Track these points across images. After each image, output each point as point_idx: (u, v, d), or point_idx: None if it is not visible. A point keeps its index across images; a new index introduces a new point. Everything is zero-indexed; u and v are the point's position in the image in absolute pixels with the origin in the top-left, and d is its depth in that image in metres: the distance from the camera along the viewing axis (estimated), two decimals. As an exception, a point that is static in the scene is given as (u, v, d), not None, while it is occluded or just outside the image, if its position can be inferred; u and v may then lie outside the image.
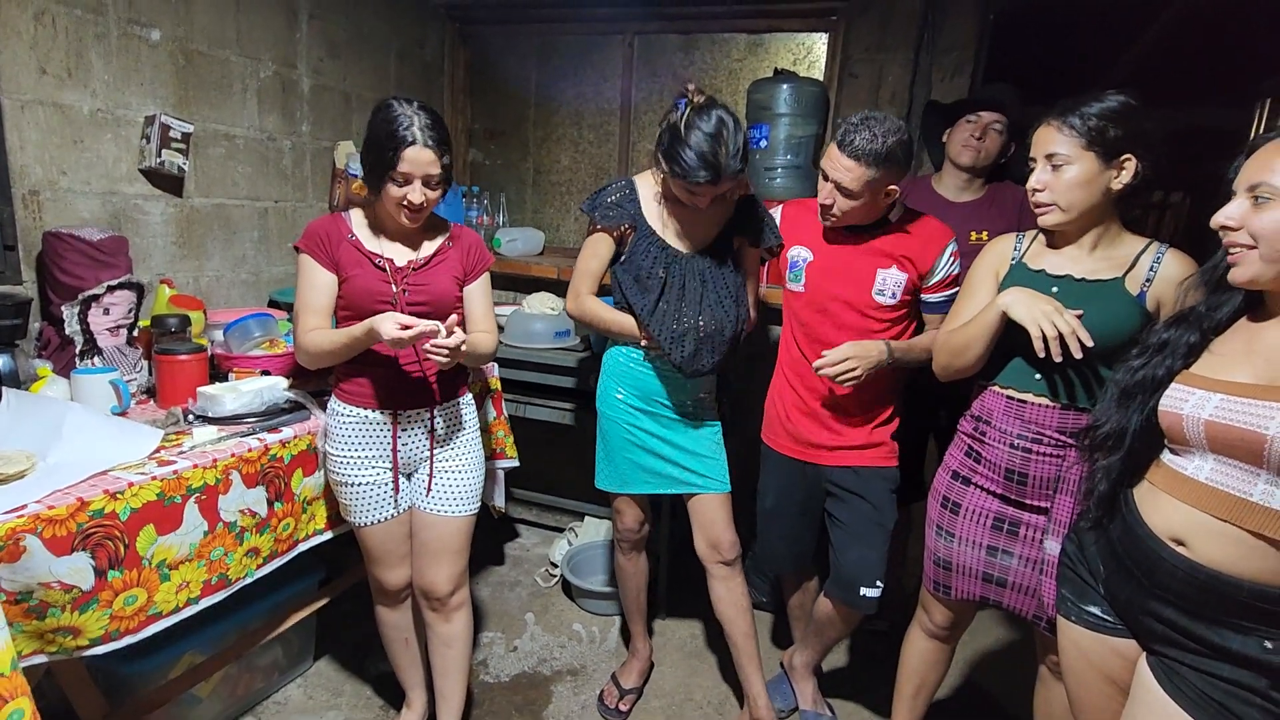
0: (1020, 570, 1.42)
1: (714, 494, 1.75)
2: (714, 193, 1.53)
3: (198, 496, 1.35)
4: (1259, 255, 0.96)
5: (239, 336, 1.86)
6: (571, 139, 3.15)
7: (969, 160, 1.96)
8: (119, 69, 1.84)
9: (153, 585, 1.28)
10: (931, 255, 1.61)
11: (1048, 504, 1.37)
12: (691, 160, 1.46)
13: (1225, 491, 0.96)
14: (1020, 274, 1.38)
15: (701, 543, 1.79)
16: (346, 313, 1.50)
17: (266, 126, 2.29)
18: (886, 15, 2.47)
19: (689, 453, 1.74)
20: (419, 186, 1.41)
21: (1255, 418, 0.92)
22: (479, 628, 2.26)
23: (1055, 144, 1.26)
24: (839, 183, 1.51)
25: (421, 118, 1.39)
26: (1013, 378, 1.38)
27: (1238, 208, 0.98)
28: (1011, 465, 1.38)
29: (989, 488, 1.43)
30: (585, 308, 1.71)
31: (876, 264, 1.62)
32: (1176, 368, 1.05)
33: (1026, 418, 1.36)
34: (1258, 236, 0.95)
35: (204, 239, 2.15)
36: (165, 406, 1.63)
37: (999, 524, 1.43)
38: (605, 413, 1.78)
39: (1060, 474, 1.34)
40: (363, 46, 2.63)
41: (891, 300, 1.62)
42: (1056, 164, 1.26)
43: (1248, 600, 0.94)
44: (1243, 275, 0.98)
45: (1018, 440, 1.37)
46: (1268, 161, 0.95)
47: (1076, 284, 1.31)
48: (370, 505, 1.56)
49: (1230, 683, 0.96)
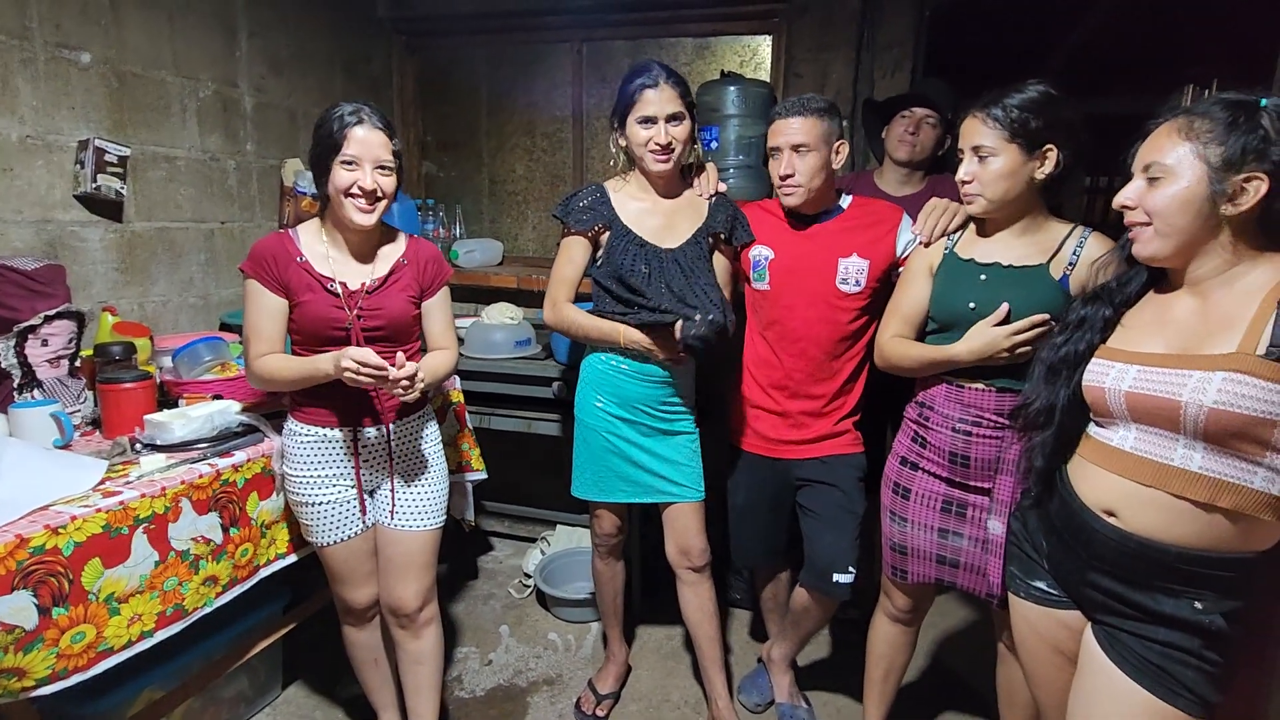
0: (970, 550, 1.46)
1: (689, 502, 1.76)
2: (660, 105, 1.56)
3: (146, 526, 1.32)
4: (1154, 231, 1.01)
5: (189, 361, 1.81)
6: (525, 148, 3.15)
7: (905, 155, 2.03)
8: (48, 94, 1.79)
9: (101, 620, 1.25)
10: (890, 235, 1.64)
11: (990, 485, 1.41)
12: (635, 82, 1.58)
13: (1149, 459, 1.00)
14: (952, 263, 1.43)
15: (673, 548, 1.80)
16: (299, 338, 1.47)
17: (209, 147, 2.25)
18: (827, 16, 2.52)
19: (666, 461, 1.74)
20: (369, 170, 1.38)
21: (1169, 386, 0.96)
22: (453, 643, 2.24)
23: (980, 136, 1.30)
24: (792, 142, 1.58)
25: (368, 107, 1.42)
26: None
27: (1134, 188, 1.03)
28: (954, 448, 1.42)
29: (935, 471, 1.47)
30: (564, 315, 1.70)
31: (837, 254, 1.65)
32: (1096, 341, 1.10)
33: (965, 401, 1.40)
34: (1152, 213, 1.01)
35: (148, 264, 2.10)
36: (111, 437, 1.59)
37: (947, 506, 1.47)
38: (584, 420, 1.77)
39: (1000, 455, 1.39)
40: (307, 62, 2.60)
41: (856, 288, 1.64)
42: (982, 155, 1.31)
43: (1175, 564, 0.98)
44: (1144, 251, 1.04)
45: (959, 424, 1.41)
46: (1157, 143, 1.01)
47: (1004, 270, 1.36)
48: (332, 525, 1.54)
49: (1166, 645, 1.00)
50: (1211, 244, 1.00)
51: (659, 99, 1.57)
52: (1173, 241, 1.00)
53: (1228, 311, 0.97)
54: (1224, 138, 0.95)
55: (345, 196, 1.40)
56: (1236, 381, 0.91)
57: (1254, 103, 0.96)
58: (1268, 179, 0.93)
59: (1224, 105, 0.97)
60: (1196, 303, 1.02)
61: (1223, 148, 0.95)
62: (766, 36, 2.73)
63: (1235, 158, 0.94)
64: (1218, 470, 0.95)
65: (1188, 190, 0.97)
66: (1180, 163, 0.98)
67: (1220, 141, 0.95)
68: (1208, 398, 0.92)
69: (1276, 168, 0.93)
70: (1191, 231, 0.99)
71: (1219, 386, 0.92)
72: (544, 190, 3.16)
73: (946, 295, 1.41)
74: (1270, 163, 0.93)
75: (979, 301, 1.35)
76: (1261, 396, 0.90)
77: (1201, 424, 0.93)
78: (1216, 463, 0.95)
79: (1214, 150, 0.96)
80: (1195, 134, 0.97)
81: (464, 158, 3.24)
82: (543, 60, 3.01)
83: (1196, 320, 1.01)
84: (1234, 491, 0.94)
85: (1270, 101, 0.95)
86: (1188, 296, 1.04)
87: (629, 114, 1.60)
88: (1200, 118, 0.98)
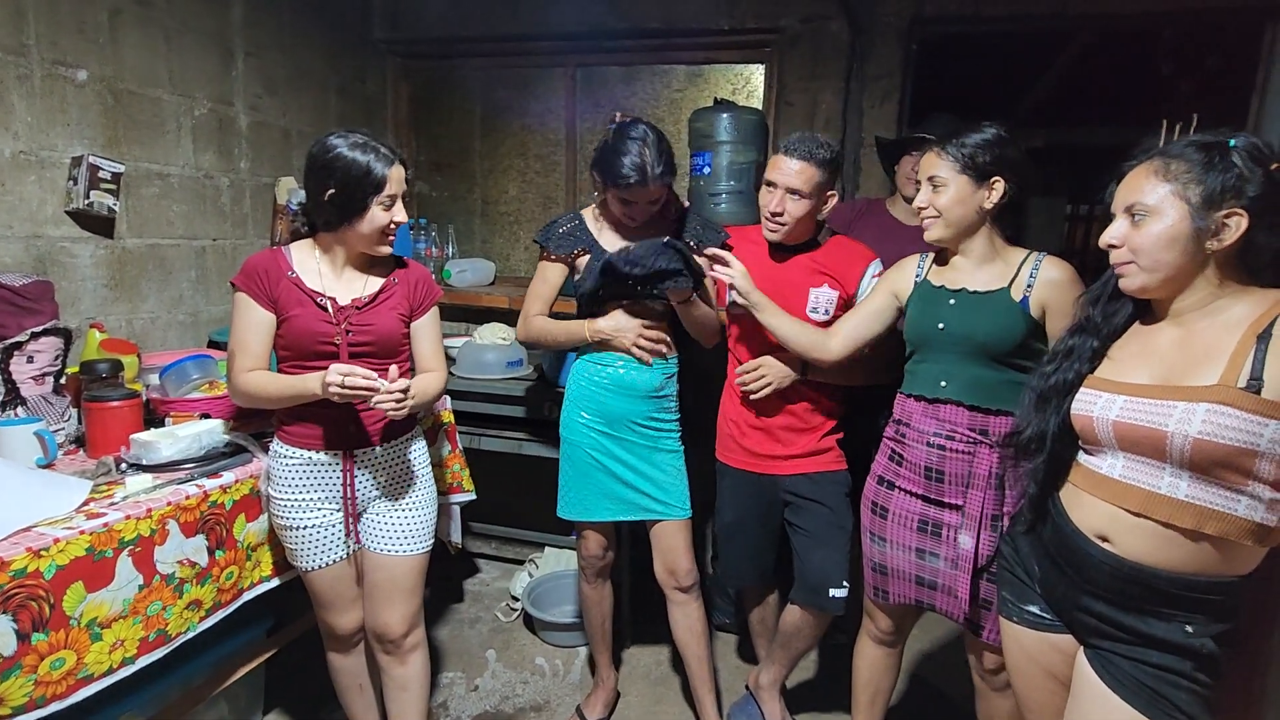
0: (945, 571, 1.48)
1: (674, 520, 1.78)
2: (645, 197, 1.64)
3: (131, 549, 1.29)
4: (1139, 267, 1.05)
5: (176, 379, 1.80)
6: (518, 169, 3.17)
7: (913, 193, 2.06)
8: (43, 110, 1.79)
9: (82, 646, 1.22)
10: (856, 275, 1.72)
11: (960, 500, 1.44)
12: (622, 166, 1.59)
13: (1137, 486, 1.02)
14: (925, 290, 1.51)
15: (660, 568, 1.81)
16: (286, 353, 1.47)
17: (203, 164, 2.25)
18: (817, 47, 2.58)
19: (651, 479, 1.76)
20: (400, 204, 1.46)
21: (1155, 416, 0.99)
22: (438, 668, 2.20)
23: (936, 168, 1.43)
24: (789, 186, 1.63)
25: (382, 142, 1.44)
26: (924, 386, 1.48)
27: (1118, 228, 1.07)
28: (930, 463, 1.46)
29: (911, 489, 1.50)
30: (533, 326, 1.78)
31: (810, 282, 1.71)
32: (1084, 371, 1.13)
33: (941, 416, 1.45)
34: (1137, 251, 1.05)
35: (138, 280, 2.08)
36: (96, 456, 1.57)
37: (923, 526, 1.49)
38: (569, 438, 1.79)
39: (971, 469, 1.42)
40: (302, 82, 2.61)
41: (825, 317, 1.71)
42: (936, 185, 1.43)
43: (1166, 588, 1.00)
44: (1131, 285, 1.08)
45: (933, 438, 1.45)
46: (1136, 184, 1.05)
47: (970, 295, 1.44)
48: (317, 549, 1.52)
49: (1159, 668, 1.02)
50: (1198, 278, 1.03)
51: (646, 193, 1.63)
52: (1159, 276, 1.04)
53: (1210, 344, 1.00)
54: (1202, 177, 0.99)
55: (381, 234, 1.46)
56: (1219, 413, 0.93)
57: (1224, 143, 1.00)
58: (1247, 214, 0.97)
59: (1197, 147, 1.01)
60: (1180, 334, 1.05)
61: (1201, 186, 0.99)
62: (759, 65, 2.79)
63: (1215, 195, 0.98)
64: (1203, 498, 0.97)
65: (1172, 228, 1.01)
66: (1162, 202, 1.02)
67: (1199, 181, 0.99)
68: (1192, 428, 0.95)
69: (1254, 203, 0.97)
70: (1177, 266, 1.03)
71: (1203, 418, 0.94)
72: (536, 211, 3.18)
73: (920, 318, 1.49)
74: (1248, 198, 0.97)
75: (947, 322, 1.44)
76: (1243, 427, 0.92)
77: (1187, 454, 0.96)
78: (1202, 491, 0.97)
79: (1194, 189, 0.99)
80: (1173, 175, 1.02)
81: (457, 178, 3.26)
82: (537, 83, 3.05)
83: (1180, 352, 1.03)
84: (1219, 519, 0.96)
85: (1238, 141, 0.99)
86: (1172, 328, 1.07)
87: (614, 192, 1.65)
88: (1175, 159, 1.02)
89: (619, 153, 1.60)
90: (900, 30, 2.49)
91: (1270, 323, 0.96)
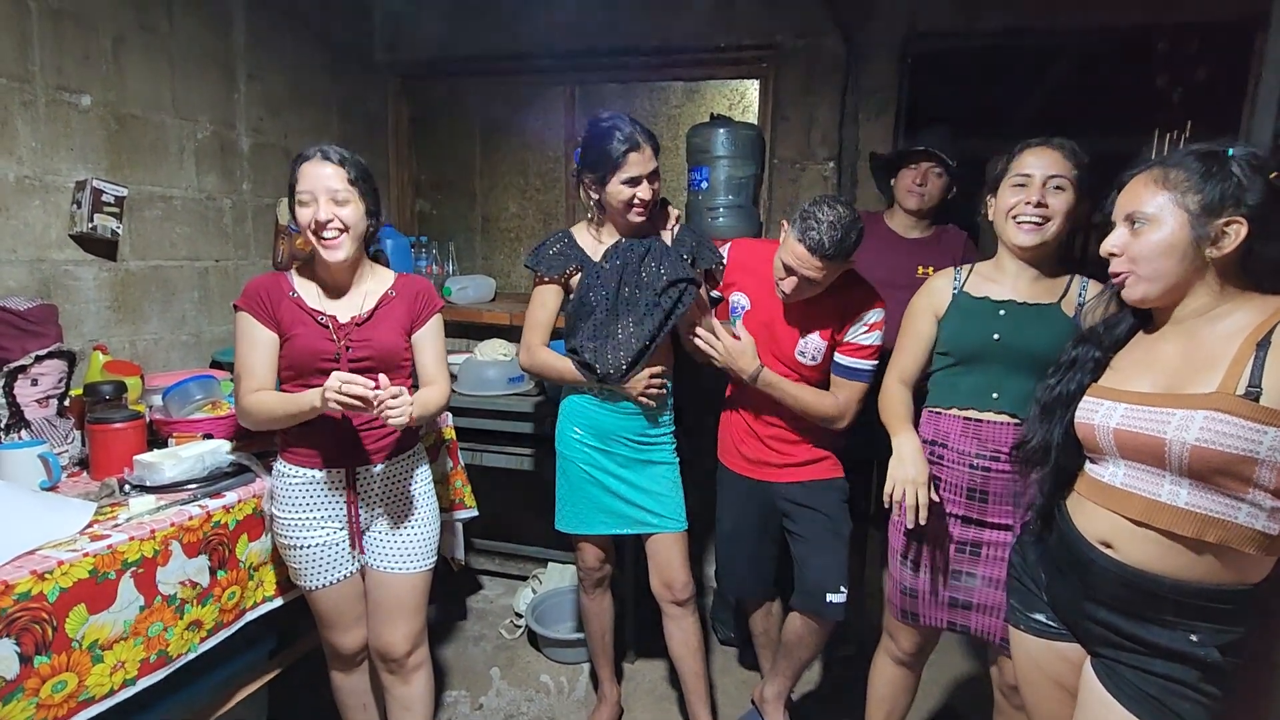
0: (984, 591, 1.46)
1: (670, 533, 1.77)
2: (643, 166, 1.61)
3: (134, 570, 1.29)
4: (1139, 276, 1.06)
5: (179, 400, 1.80)
6: (518, 186, 3.20)
7: (915, 204, 2.10)
8: (47, 135, 1.81)
9: (84, 668, 1.21)
10: (851, 320, 1.67)
11: (1009, 520, 1.42)
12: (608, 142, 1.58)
13: (1138, 494, 1.02)
14: (965, 302, 1.47)
15: (656, 581, 1.81)
16: (289, 372, 1.47)
17: (205, 186, 2.27)
18: (812, 62, 2.61)
19: (646, 492, 1.76)
20: (324, 203, 1.39)
21: (1154, 424, 0.99)
22: (442, 687, 2.19)
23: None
24: (808, 277, 1.55)
25: (323, 143, 1.42)
26: (970, 399, 1.44)
27: (1119, 236, 1.08)
28: (973, 484, 1.43)
29: (950, 510, 1.47)
30: (537, 358, 1.75)
31: (800, 330, 1.70)
32: (1086, 381, 1.13)
33: (983, 436, 1.42)
34: (1137, 259, 1.05)
35: (140, 302, 2.10)
36: (99, 478, 1.57)
37: (961, 548, 1.47)
38: (564, 453, 1.80)
39: (1017, 489, 1.40)
40: (304, 104, 2.64)
41: (813, 362, 1.71)
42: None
43: (1170, 596, 1.00)
44: (1133, 294, 1.08)
45: (976, 460, 1.42)
46: (1135, 193, 1.06)
47: (1019, 307, 1.41)
48: (321, 568, 1.51)
49: (1164, 678, 1.01)
50: (1198, 286, 1.04)
51: (642, 160, 1.60)
52: (1160, 284, 1.05)
53: (1210, 351, 1.00)
54: (1200, 186, 1.00)
55: (310, 234, 1.42)
56: (1217, 420, 0.93)
57: (1223, 152, 1.01)
58: (1246, 222, 0.98)
59: (1196, 156, 1.02)
60: (1181, 343, 1.05)
61: (1200, 195, 1.00)
62: (754, 81, 2.81)
63: (1214, 203, 0.99)
64: (1203, 506, 0.97)
65: (1171, 236, 1.02)
66: (1162, 211, 1.02)
67: (1197, 190, 1.00)
68: (1190, 435, 0.95)
69: (1253, 211, 0.98)
70: (1178, 274, 1.03)
71: (1201, 425, 0.94)
72: (536, 228, 3.20)
73: (966, 330, 1.45)
74: (1247, 207, 0.98)
75: (1003, 333, 1.40)
76: (1241, 435, 0.92)
77: (1185, 461, 0.96)
78: (1202, 498, 0.97)
79: (1192, 198, 1.00)
80: (1172, 184, 1.02)
81: (457, 196, 3.28)
82: (536, 101, 3.08)
83: (1181, 360, 1.04)
84: (1219, 526, 0.96)
85: (1236, 150, 1.00)
86: (1173, 336, 1.07)
87: (612, 174, 1.61)
88: (1174, 169, 1.03)
89: (601, 136, 1.60)
90: (894, 45, 2.52)
91: (1269, 330, 0.96)
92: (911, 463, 1.42)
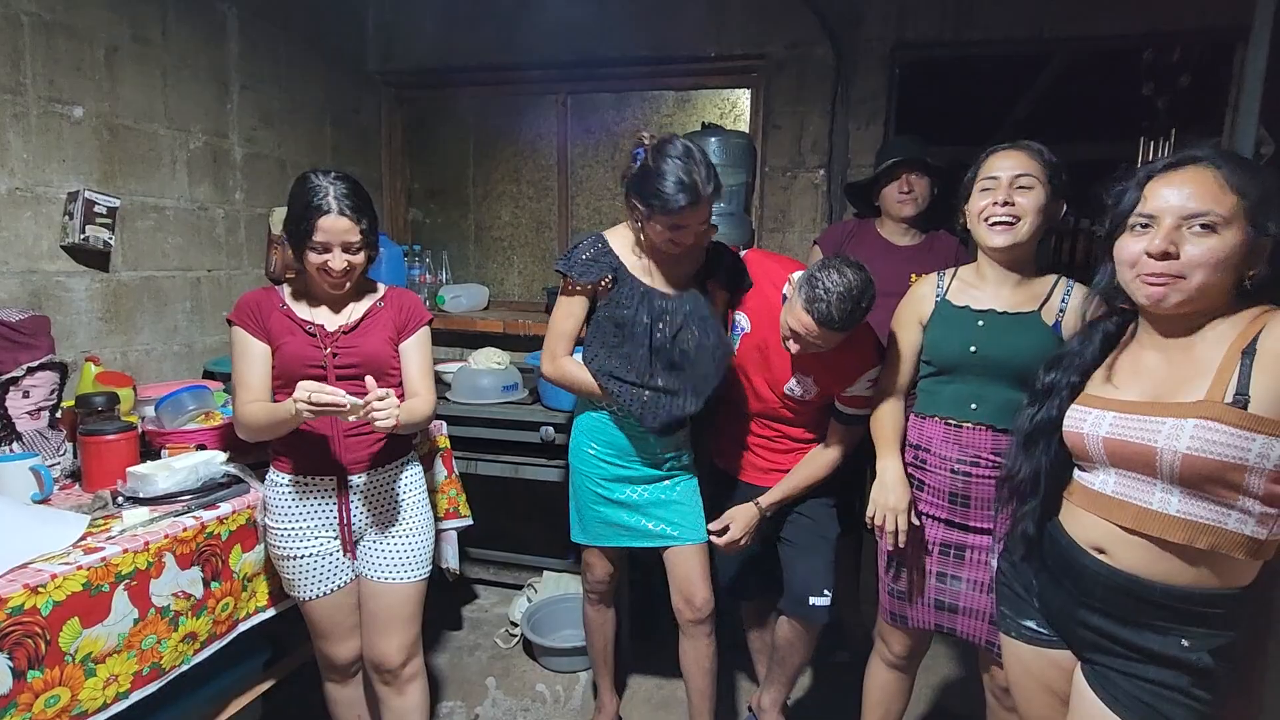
0: (969, 594, 1.47)
1: (688, 545, 1.72)
2: (697, 219, 1.49)
3: (128, 583, 1.29)
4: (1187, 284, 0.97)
5: (172, 411, 1.80)
6: (512, 195, 3.21)
7: (911, 211, 2.11)
8: (39, 147, 1.81)
9: (77, 682, 1.21)
10: (853, 376, 1.61)
11: (990, 525, 1.43)
12: (669, 187, 1.44)
13: (1129, 502, 1.03)
14: (946, 310, 1.47)
15: (676, 597, 1.75)
16: (279, 380, 1.48)
17: (198, 196, 2.27)
18: (803, 72, 2.63)
19: (664, 504, 1.73)
20: (338, 253, 1.43)
21: (1144, 432, 1.00)
22: (437, 697, 2.18)
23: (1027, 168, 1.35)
24: (815, 343, 1.48)
25: (337, 187, 1.42)
26: (950, 408, 1.45)
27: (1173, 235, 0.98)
28: (954, 489, 1.45)
29: (934, 514, 1.49)
30: (563, 370, 1.69)
31: (794, 370, 1.66)
32: (1066, 406, 1.13)
33: (963, 442, 1.43)
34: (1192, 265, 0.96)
35: (133, 312, 2.09)
36: (92, 490, 1.56)
37: (945, 550, 1.48)
38: (578, 467, 1.77)
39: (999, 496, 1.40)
40: (297, 114, 2.65)
41: (801, 398, 1.69)
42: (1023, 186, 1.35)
43: (1161, 601, 1.00)
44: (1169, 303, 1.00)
45: (957, 465, 1.43)
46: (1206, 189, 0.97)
47: (1000, 317, 1.40)
48: (315, 578, 1.51)
49: (1156, 684, 1.02)
50: (1220, 302, 0.98)
51: (696, 215, 1.49)
52: (1202, 297, 0.98)
53: (1197, 360, 1.01)
54: (1272, 198, 0.94)
55: (318, 272, 1.45)
56: (1207, 428, 0.94)
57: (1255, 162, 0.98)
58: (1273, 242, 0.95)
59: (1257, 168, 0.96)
60: (1168, 351, 1.05)
61: (1266, 207, 0.94)
62: (746, 90, 2.84)
63: (1271, 221, 0.94)
64: (1194, 513, 0.97)
65: (1234, 246, 0.94)
66: (1234, 216, 0.94)
67: (1265, 201, 0.94)
68: (1181, 444, 0.95)
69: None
70: (1221, 287, 0.97)
71: (1191, 433, 0.95)
72: (530, 236, 3.21)
73: (945, 340, 1.45)
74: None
75: (979, 345, 1.40)
76: (1231, 443, 0.93)
77: (1176, 469, 0.96)
78: (1193, 506, 0.98)
79: (1260, 210, 0.94)
80: (1239, 189, 0.94)
81: (451, 205, 3.29)
82: (528, 110, 3.10)
83: (1169, 369, 1.04)
84: (1210, 533, 0.96)
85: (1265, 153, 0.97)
86: (1160, 345, 1.06)
87: (660, 216, 1.48)
88: (1235, 170, 0.95)
89: (661, 174, 1.45)
90: (883, 55, 2.56)
91: (1254, 338, 0.96)
92: (893, 489, 1.47)
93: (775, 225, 2.74)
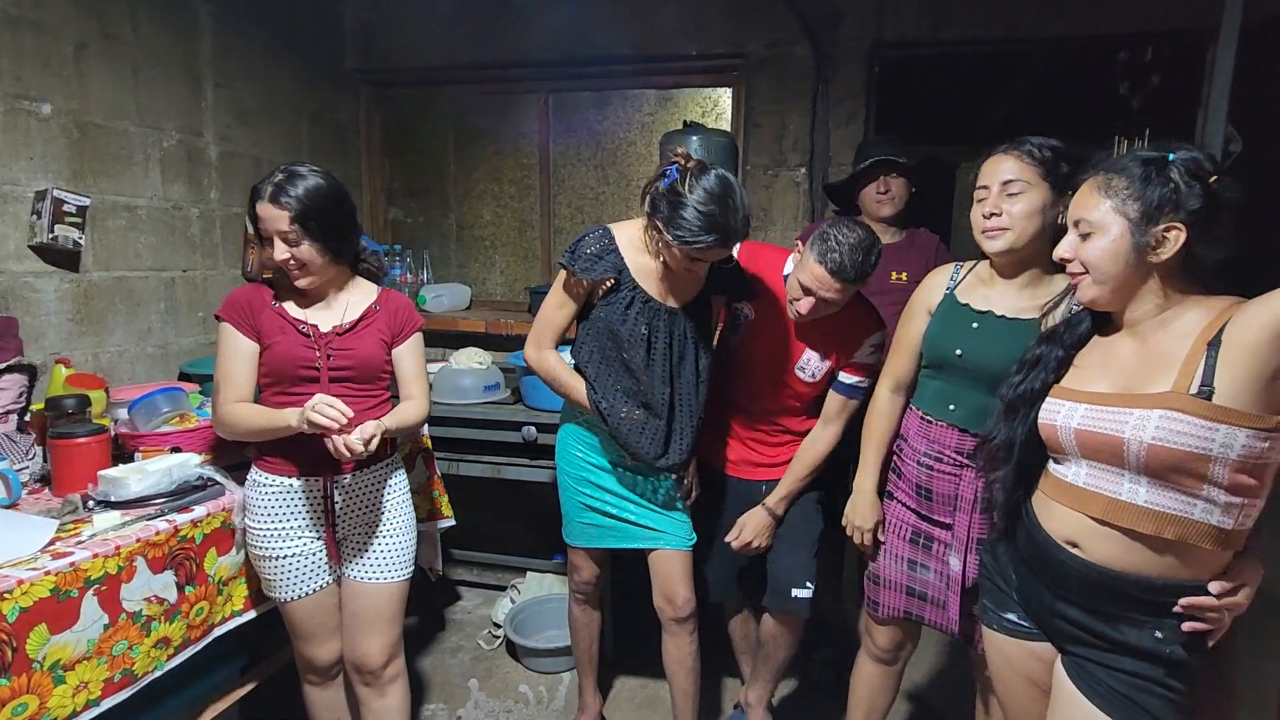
0: (935, 584, 1.49)
1: (673, 550, 1.72)
2: (720, 258, 1.49)
3: (97, 588, 1.26)
4: (1091, 279, 1.08)
5: (146, 413, 1.76)
6: (493, 194, 3.19)
7: (891, 210, 2.13)
8: (5, 145, 1.77)
9: (45, 690, 1.18)
10: (857, 342, 1.64)
11: (949, 520, 1.45)
12: (696, 224, 1.38)
13: (1099, 493, 1.05)
14: (949, 305, 1.45)
15: (658, 596, 1.76)
16: (268, 380, 1.46)
17: (171, 195, 2.23)
18: (783, 71, 2.64)
19: (648, 508, 1.72)
20: (278, 243, 1.41)
21: (1113, 423, 1.01)
22: (420, 700, 2.16)
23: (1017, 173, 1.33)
24: (826, 299, 1.50)
25: (277, 176, 1.41)
26: (928, 404, 1.47)
27: (1069, 242, 1.11)
28: (919, 481, 1.47)
29: (905, 502, 1.52)
30: (546, 362, 1.66)
31: (805, 344, 1.67)
32: (1050, 380, 1.15)
33: (931, 437, 1.45)
34: (1086, 264, 1.08)
35: (104, 314, 2.05)
36: (62, 494, 1.53)
37: (915, 538, 1.51)
38: (565, 469, 1.76)
39: (957, 492, 1.43)
40: (273, 112, 2.61)
41: (811, 379, 1.69)
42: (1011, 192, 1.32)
43: (1134, 593, 1.02)
44: (1084, 296, 1.11)
45: (924, 457, 1.46)
46: (1083, 200, 1.09)
47: (996, 320, 1.38)
48: (296, 578, 1.49)
49: (1132, 675, 1.03)
50: (1143, 289, 1.06)
51: (717, 255, 1.47)
52: (1108, 288, 1.07)
53: (1164, 352, 1.03)
54: (1140, 193, 1.02)
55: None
56: (1172, 419, 0.96)
57: (1163, 158, 1.03)
58: (1185, 228, 1.00)
59: (1139, 162, 1.04)
60: (1136, 344, 1.08)
61: (1139, 202, 1.02)
62: (727, 89, 2.84)
63: (1152, 210, 1.01)
64: (1161, 503, 0.99)
65: (1114, 243, 1.04)
66: (1104, 218, 1.05)
67: (1136, 197, 1.02)
68: (1147, 434, 0.97)
69: (1191, 217, 1.00)
70: (1124, 278, 1.06)
71: (1156, 424, 0.97)
72: (511, 235, 3.20)
73: (938, 337, 1.45)
74: (1185, 212, 1.00)
75: (966, 349, 1.39)
76: (1195, 433, 0.95)
77: (1143, 459, 0.98)
78: (1159, 496, 0.99)
79: (1132, 206, 1.03)
80: (1114, 190, 1.05)
81: (431, 204, 3.26)
82: (510, 109, 3.08)
83: (1138, 361, 1.06)
84: (1177, 523, 0.98)
85: (1178, 155, 1.02)
86: (1129, 338, 1.10)
87: (680, 247, 1.43)
88: (1117, 175, 1.05)
89: (691, 207, 1.38)
90: (862, 54, 2.57)
91: (1219, 330, 0.98)
92: (861, 511, 1.56)
93: (758, 224, 2.75)
